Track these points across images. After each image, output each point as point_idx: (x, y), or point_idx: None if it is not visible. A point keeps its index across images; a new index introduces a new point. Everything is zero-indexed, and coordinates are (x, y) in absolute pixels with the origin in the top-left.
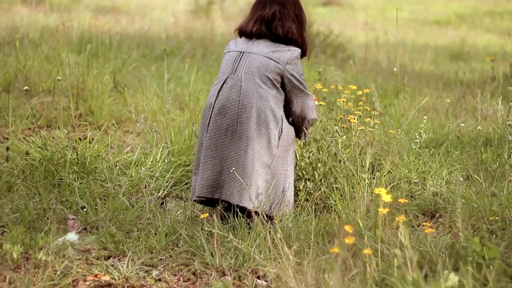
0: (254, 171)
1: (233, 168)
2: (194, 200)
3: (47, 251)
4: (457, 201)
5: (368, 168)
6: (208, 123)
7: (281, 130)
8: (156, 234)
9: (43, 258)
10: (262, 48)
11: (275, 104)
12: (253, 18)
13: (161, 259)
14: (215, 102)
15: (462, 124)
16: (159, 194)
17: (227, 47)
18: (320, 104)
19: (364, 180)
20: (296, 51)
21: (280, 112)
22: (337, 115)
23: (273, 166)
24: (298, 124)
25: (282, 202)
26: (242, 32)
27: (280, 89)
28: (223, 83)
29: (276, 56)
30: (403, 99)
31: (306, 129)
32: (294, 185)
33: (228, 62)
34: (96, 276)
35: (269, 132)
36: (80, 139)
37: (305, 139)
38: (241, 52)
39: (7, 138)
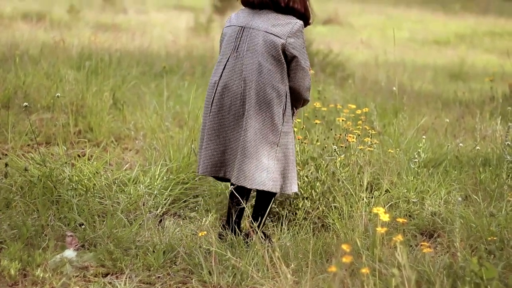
0: (257, 150)
1: (241, 149)
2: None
3: (45, 268)
4: (456, 221)
5: (367, 187)
6: (212, 102)
7: (285, 106)
8: (154, 251)
9: (41, 275)
10: (262, 21)
11: (279, 80)
12: None
13: (159, 276)
14: (218, 81)
15: (461, 144)
16: (158, 211)
17: (228, 21)
18: (316, 123)
19: (363, 199)
20: (298, 23)
21: (285, 88)
22: (336, 134)
23: (281, 144)
24: (292, 100)
25: (294, 180)
26: (245, 1)
27: (284, 64)
28: (226, 62)
29: (276, 31)
30: (402, 119)
31: (296, 109)
32: (292, 203)
33: (230, 38)
34: None
35: (271, 110)
36: (79, 156)
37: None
38: (242, 27)
39: (6, 154)
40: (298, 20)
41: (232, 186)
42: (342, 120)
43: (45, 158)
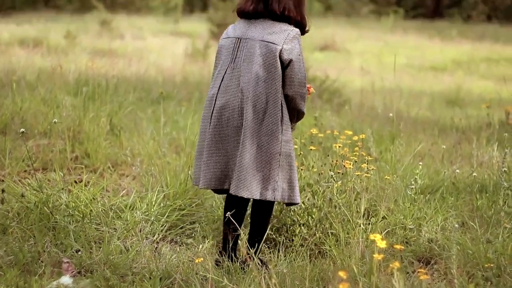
0: (259, 162)
1: (240, 160)
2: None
3: None
4: (452, 248)
5: (364, 214)
6: (211, 115)
7: (282, 114)
8: (150, 278)
9: None
10: (258, 31)
11: (276, 88)
12: None
13: None
14: (217, 94)
15: (457, 171)
16: (154, 238)
17: (225, 33)
18: (311, 149)
19: (359, 226)
20: (294, 30)
21: (281, 97)
22: (333, 160)
23: (283, 153)
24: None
25: (298, 189)
26: (240, 12)
27: (280, 71)
28: (224, 74)
29: (272, 38)
30: (399, 145)
31: (292, 123)
32: (289, 229)
33: (227, 50)
34: None
35: (269, 119)
36: (75, 182)
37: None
38: (238, 38)
39: (3, 180)
40: (294, 28)
41: (229, 213)
42: (339, 147)
43: (41, 184)
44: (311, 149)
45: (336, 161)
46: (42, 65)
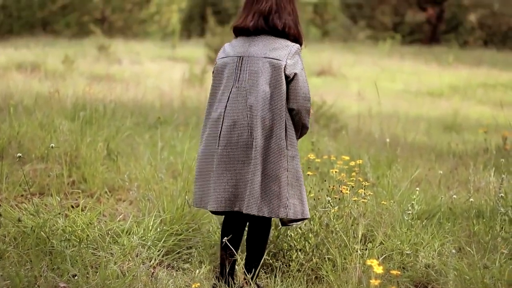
0: (268, 180)
1: (251, 178)
2: (196, 205)
3: None
4: (449, 273)
5: (361, 239)
6: (219, 136)
7: (287, 130)
8: None
9: None
10: (260, 48)
11: (282, 104)
12: (249, 12)
13: None
14: (224, 113)
15: (454, 196)
16: (151, 263)
17: (222, 51)
18: (308, 174)
19: (356, 251)
20: (295, 45)
21: (286, 111)
22: (330, 186)
23: (290, 168)
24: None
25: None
26: (239, 29)
27: (285, 86)
28: (230, 93)
29: (275, 55)
30: (396, 170)
31: (296, 138)
32: (286, 255)
33: (229, 69)
34: None
35: (276, 135)
36: (72, 206)
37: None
38: (239, 57)
39: (0, 205)
40: (295, 44)
41: (226, 238)
42: (336, 172)
43: (38, 208)
44: (308, 174)
45: (333, 186)
46: (39, 89)
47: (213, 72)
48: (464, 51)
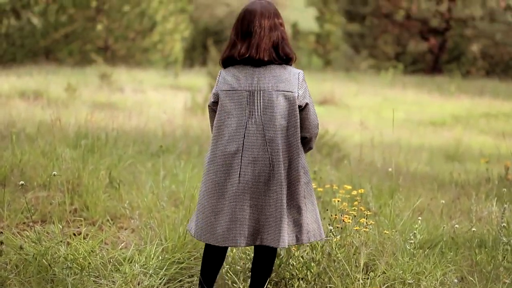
0: (290, 210)
1: (278, 213)
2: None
3: None
4: None
5: (363, 268)
6: (240, 172)
7: (300, 156)
8: None
9: None
10: (269, 80)
11: (297, 134)
12: (253, 41)
13: None
14: (242, 150)
15: (456, 225)
16: None
17: (224, 82)
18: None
19: (358, 280)
20: (300, 73)
21: (299, 140)
22: (332, 215)
23: (307, 195)
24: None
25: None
26: (242, 58)
27: (298, 116)
28: (245, 129)
29: (286, 87)
30: (398, 200)
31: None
32: (288, 284)
33: (239, 103)
34: None
35: (295, 165)
36: (74, 234)
37: None
38: (249, 91)
39: (1, 232)
40: (299, 70)
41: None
42: (338, 201)
43: (40, 236)
44: None
45: (335, 215)
46: (42, 117)
47: (213, 102)
48: (466, 81)
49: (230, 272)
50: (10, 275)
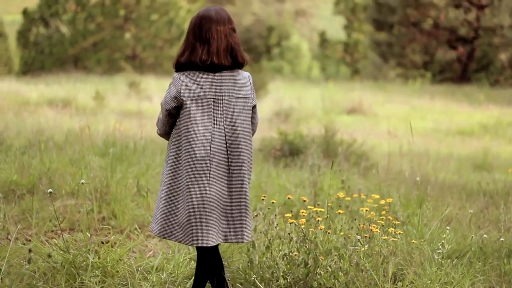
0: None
1: (241, 210)
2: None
3: None
4: None
5: (390, 278)
6: (209, 175)
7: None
8: None
9: None
10: (228, 88)
11: (251, 135)
12: (213, 47)
13: None
14: (210, 154)
15: (485, 235)
16: None
17: (186, 89)
18: (339, 213)
19: None
20: (250, 76)
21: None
22: (360, 224)
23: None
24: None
25: None
26: (208, 65)
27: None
28: (211, 135)
29: (244, 93)
30: (426, 209)
31: None
32: None
33: (204, 110)
34: None
35: (249, 168)
36: (102, 242)
37: None
38: (213, 99)
39: (30, 240)
40: (247, 73)
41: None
42: (366, 210)
43: (68, 244)
44: (339, 213)
45: (363, 224)
46: (70, 125)
47: (175, 106)
48: (495, 90)
49: (257, 281)
50: (38, 283)
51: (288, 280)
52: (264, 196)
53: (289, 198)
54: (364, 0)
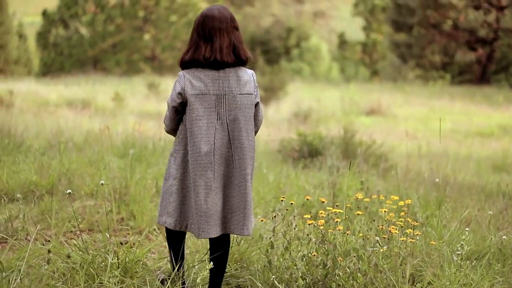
0: (250, 200)
1: (242, 204)
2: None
3: None
4: None
5: (409, 279)
6: (214, 169)
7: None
8: None
9: None
10: (231, 85)
11: (253, 129)
12: (216, 45)
13: None
14: (214, 149)
15: (504, 237)
16: None
17: (191, 86)
18: (358, 214)
19: None
20: (253, 74)
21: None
22: (378, 225)
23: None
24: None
25: None
26: (211, 62)
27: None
28: (215, 130)
29: (247, 89)
30: (445, 210)
31: None
32: None
33: (208, 106)
34: None
35: (253, 164)
36: (121, 243)
37: None
38: (217, 95)
39: (49, 241)
40: (251, 70)
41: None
42: (385, 211)
43: (87, 245)
44: (357, 214)
45: (382, 226)
46: (89, 126)
47: (180, 103)
48: None
49: (276, 282)
50: (57, 283)
51: (307, 281)
52: (283, 197)
53: (308, 199)
54: (383, 1)
